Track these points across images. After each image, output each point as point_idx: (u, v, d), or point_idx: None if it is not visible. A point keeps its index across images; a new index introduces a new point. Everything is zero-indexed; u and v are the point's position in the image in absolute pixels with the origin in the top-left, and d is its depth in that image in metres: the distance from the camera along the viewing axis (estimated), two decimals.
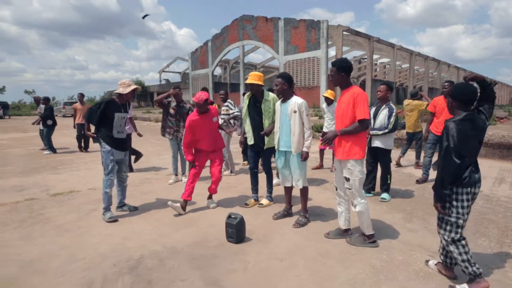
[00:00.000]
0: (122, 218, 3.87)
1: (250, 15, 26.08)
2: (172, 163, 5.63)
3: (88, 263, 2.81)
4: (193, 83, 33.39)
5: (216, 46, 29.81)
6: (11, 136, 13.32)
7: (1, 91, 42.20)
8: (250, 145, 4.15)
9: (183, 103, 5.57)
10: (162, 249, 3.05)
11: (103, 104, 3.81)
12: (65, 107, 27.73)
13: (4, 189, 5.25)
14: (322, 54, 21.82)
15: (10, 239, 3.32)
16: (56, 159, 7.98)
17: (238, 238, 3.13)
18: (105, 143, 3.84)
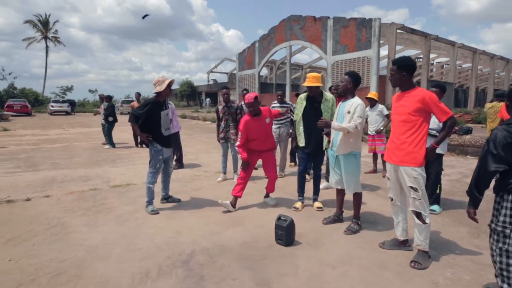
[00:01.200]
0: (175, 213, 4.03)
1: (298, 15, 25.84)
2: (222, 161, 5.75)
3: (145, 253, 2.96)
4: (239, 84, 33.97)
5: (263, 46, 30.01)
6: (78, 131, 14.66)
7: (70, 90, 46.59)
8: (301, 147, 4.08)
9: (231, 103, 5.67)
10: (212, 246, 3.11)
11: (149, 106, 3.96)
12: (123, 105, 29.82)
13: (72, 178, 5.77)
14: (373, 53, 20.87)
15: (77, 225, 3.63)
16: (115, 153, 8.60)
17: (287, 240, 3.08)
18: (156, 143, 4.03)
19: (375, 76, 21.01)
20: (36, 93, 39.92)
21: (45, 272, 2.63)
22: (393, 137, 2.83)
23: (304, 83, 3.89)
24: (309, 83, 3.84)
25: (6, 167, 6.73)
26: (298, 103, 4.05)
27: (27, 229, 3.48)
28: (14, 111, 24.78)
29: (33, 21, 43.44)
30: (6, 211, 4.04)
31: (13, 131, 14.17)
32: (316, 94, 3.94)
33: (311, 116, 3.98)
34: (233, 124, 5.61)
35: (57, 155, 8.18)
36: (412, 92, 2.72)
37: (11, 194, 4.73)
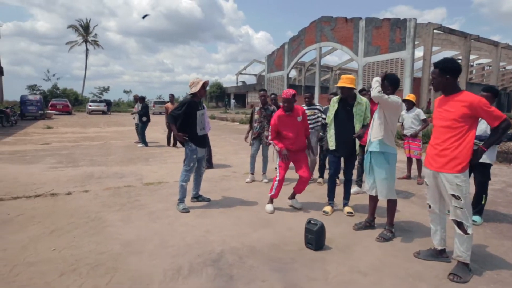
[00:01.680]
0: (205, 212, 4.11)
1: (329, 16, 25.47)
2: (250, 162, 5.79)
3: (176, 250, 3.04)
4: (268, 85, 34.03)
5: (293, 48, 29.88)
6: (113, 130, 15.38)
7: (106, 91, 49.15)
8: (332, 150, 4.01)
9: (267, 105, 5.70)
10: (241, 246, 3.13)
11: (185, 106, 4.08)
12: (155, 105, 30.87)
13: (108, 175, 6.06)
14: (407, 55, 20.12)
15: (113, 220, 3.80)
16: (148, 152, 8.92)
17: (317, 245, 3.04)
18: (191, 142, 4.14)
19: (409, 78, 20.24)
20: (76, 93, 42.41)
21: (85, 262, 2.77)
22: (434, 143, 2.70)
23: (337, 84, 3.84)
24: (342, 84, 3.78)
25: (50, 162, 7.19)
26: (330, 106, 4.00)
27: (69, 222, 3.69)
28: (57, 110, 26.47)
29: (76, 26, 46.26)
30: (51, 204, 4.32)
31: (56, 129, 15.12)
32: (349, 96, 3.86)
33: (343, 119, 3.91)
34: (268, 126, 5.63)
35: (94, 152, 8.62)
36: (458, 96, 2.55)
37: (55, 188, 5.05)
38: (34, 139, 11.24)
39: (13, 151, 8.60)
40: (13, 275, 2.56)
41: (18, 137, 11.95)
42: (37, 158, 7.63)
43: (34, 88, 42.24)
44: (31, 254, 2.91)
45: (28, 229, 3.46)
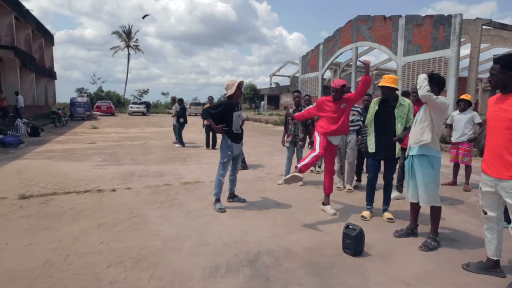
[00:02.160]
0: (241, 213, 4.16)
1: (366, 15, 24.71)
2: (286, 164, 5.77)
3: (214, 249, 3.11)
4: (302, 87, 33.72)
5: (328, 49, 29.36)
6: (152, 130, 16.07)
7: (145, 93, 51.43)
8: (371, 153, 3.88)
9: (301, 106, 5.66)
10: (278, 248, 3.13)
11: (222, 106, 4.21)
12: (191, 107, 31.79)
13: (149, 173, 6.34)
14: (452, 53, 18.95)
15: (154, 216, 3.97)
16: (185, 152, 9.21)
17: (356, 250, 2.95)
18: (227, 137, 4.26)
19: (453, 78, 19.06)
20: (119, 96, 44.86)
21: (129, 256, 2.92)
22: (491, 146, 2.50)
23: (379, 83, 3.71)
24: (384, 83, 3.66)
25: (96, 160, 7.68)
26: (371, 107, 3.88)
27: (114, 217, 3.92)
28: (101, 111, 28.19)
29: (119, 32, 48.99)
30: (97, 199, 4.61)
31: (101, 129, 16.11)
32: (391, 97, 3.73)
33: (383, 121, 3.78)
34: (302, 128, 5.59)
35: (135, 152, 9.07)
36: None
37: (101, 185, 5.38)
38: (82, 139, 12.06)
39: (64, 149, 9.29)
40: (67, 264, 2.76)
41: (68, 136, 12.89)
42: (85, 156, 8.17)
43: (82, 91, 45.32)
44: (81, 245, 3.13)
45: (79, 222, 3.72)
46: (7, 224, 3.64)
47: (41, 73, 23.16)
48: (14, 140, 9.83)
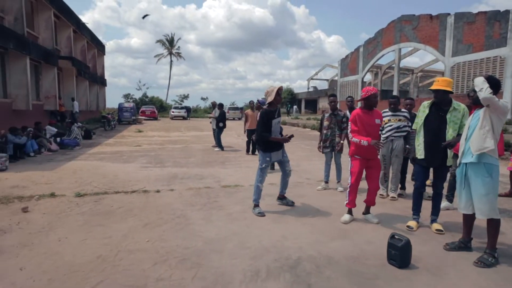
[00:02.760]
0: (280, 217, 4.15)
1: (410, 15, 23.61)
2: (325, 169, 5.67)
3: (254, 252, 3.13)
4: (341, 90, 32.99)
5: (368, 51, 28.46)
6: (192, 134, 16.64)
7: (186, 98, 53.51)
8: (419, 159, 3.69)
9: (337, 110, 5.54)
10: (318, 255, 3.08)
11: (264, 117, 4.24)
12: (229, 111, 32.44)
13: (190, 176, 6.57)
14: (509, 52, 17.43)
15: (196, 218, 4.10)
16: (224, 155, 9.41)
17: (402, 262, 2.81)
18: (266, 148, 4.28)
19: (510, 78, 17.51)
20: (161, 101, 47.13)
21: (173, 255, 3.05)
22: None
23: (432, 87, 3.52)
24: (437, 86, 3.46)
25: (142, 162, 8.12)
26: (420, 111, 3.69)
27: (158, 217, 4.11)
28: (146, 115, 29.80)
29: (162, 40, 51.57)
30: (143, 199, 4.87)
31: (145, 133, 17.01)
32: (444, 100, 3.51)
33: (434, 126, 3.57)
34: (338, 132, 5.47)
35: (177, 155, 9.44)
36: None
37: (146, 185, 5.68)
38: (129, 141, 12.82)
39: (113, 151, 9.94)
40: (117, 259, 2.95)
41: (116, 139, 13.78)
42: (132, 158, 8.68)
43: (128, 97, 48.26)
44: (130, 242, 3.32)
45: (127, 221, 3.95)
46: (67, 219, 3.97)
47: (93, 80, 25.07)
48: (72, 142, 10.73)
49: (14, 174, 6.56)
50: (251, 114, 9.49)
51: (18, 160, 8.07)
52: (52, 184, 5.70)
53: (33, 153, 8.81)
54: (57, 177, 6.29)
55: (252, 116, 9.43)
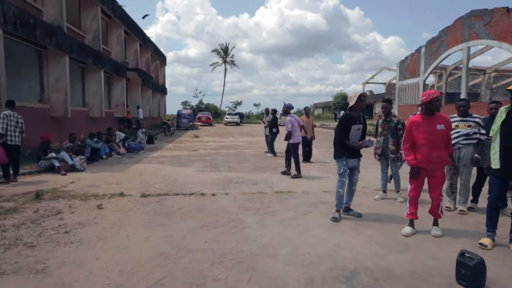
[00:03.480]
0: (335, 226, 4.05)
1: (482, 10, 21.41)
2: (381, 178, 5.40)
3: (308, 260, 3.10)
4: (400, 94, 31.10)
5: (431, 51, 26.42)
6: (245, 139, 17.04)
7: (239, 104, 55.02)
8: (494, 170, 3.33)
9: (391, 116, 5.25)
10: (376, 268, 2.94)
11: (343, 122, 4.22)
12: (281, 117, 32.55)
13: (244, 181, 6.73)
14: None
15: (250, 222, 4.19)
16: (276, 161, 9.47)
17: (475, 283, 2.55)
18: (343, 154, 4.23)
19: None
20: (216, 107, 49.09)
21: (229, 257, 3.15)
22: None
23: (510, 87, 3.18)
24: None
25: (198, 166, 8.54)
26: (497, 116, 3.34)
27: (215, 219, 4.28)
28: (202, 122, 31.29)
29: (218, 50, 53.88)
30: (201, 202, 5.12)
31: (201, 138, 17.85)
32: None
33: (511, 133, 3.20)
34: (392, 140, 5.17)
35: (231, 160, 9.74)
36: None
37: (203, 189, 5.96)
38: (186, 146, 13.57)
39: (173, 155, 10.62)
40: (178, 257, 3.14)
41: (175, 144, 14.69)
42: (189, 162, 9.17)
43: (186, 104, 51.15)
44: (189, 242, 3.51)
45: (186, 221, 4.19)
46: (133, 217, 4.34)
47: (156, 89, 27.12)
48: (137, 146, 11.71)
49: (90, 174, 7.37)
50: (306, 121, 9.37)
51: (93, 162, 9.05)
52: (121, 185, 6.28)
53: (105, 156, 9.81)
54: (125, 178, 6.92)
55: (308, 122, 9.33)
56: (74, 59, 12.18)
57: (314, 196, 5.48)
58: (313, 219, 4.29)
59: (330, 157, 10.33)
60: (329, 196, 5.52)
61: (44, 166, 7.53)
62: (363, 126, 4.33)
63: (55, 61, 11.07)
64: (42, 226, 3.92)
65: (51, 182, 6.42)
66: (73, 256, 3.14)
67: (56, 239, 3.52)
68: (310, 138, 9.33)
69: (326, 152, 11.75)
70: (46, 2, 10.99)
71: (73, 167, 7.65)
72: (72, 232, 3.73)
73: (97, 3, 14.34)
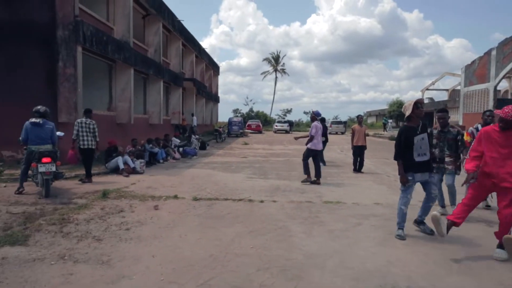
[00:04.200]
0: (387, 241, 3.86)
1: None
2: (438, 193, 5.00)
3: (357, 273, 3.00)
4: (465, 101, 28.48)
5: (504, 54, 23.81)
6: (294, 147, 16.95)
7: (289, 112, 55.00)
8: None
9: (448, 127, 4.84)
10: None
11: (401, 136, 3.93)
12: (332, 126, 31.81)
13: (291, 189, 6.72)
14: None
15: (297, 231, 4.17)
16: (325, 170, 9.25)
17: None
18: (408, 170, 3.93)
19: None
20: (266, 115, 49.66)
21: (275, 264, 3.18)
22: None
23: None
24: None
25: (247, 173, 8.73)
26: None
27: (262, 226, 4.35)
28: (251, 129, 31.90)
29: (269, 58, 54.71)
30: (248, 208, 5.23)
31: (251, 145, 18.20)
32: None
33: None
34: (449, 152, 4.77)
35: (280, 167, 9.78)
36: None
37: (251, 195, 6.07)
38: (236, 153, 13.94)
39: (223, 162, 11.00)
40: (226, 261, 3.26)
41: (226, 150, 15.18)
42: (239, 169, 9.41)
43: (237, 112, 52.61)
44: (236, 247, 3.62)
45: (234, 226, 4.31)
46: (186, 219, 4.60)
47: (209, 98, 28.41)
48: (191, 152, 12.37)
49: (148, 177, 7.95)
50: (359, 129, 9.06)
51: (152, 166, 9.75)
52: (175, 188, 6.68)
53: (162, 160, 10.51)
54: (179, 182, 7.34)
55: (360, 131, 9.01)
56: (138, 70, 13.33)
57: (365, 208, 5.27)
58: (363, 231, 4.13)
59: (383, 168, 9.86)
60: (381, 209, 5.27)
61: (110, 168, 8.32)
62: (427, 134, 3.95)
63: (122, 73, 12.24)
64: (107, 222, 4.34)
65: (116, 183, 7.06)
66: (133, 251, 3.43)
67: (119, 235, 3.87)
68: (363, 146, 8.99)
69: (379, 162, 11.21)
70: (117, 20, 12.25)
71: (134, 170, 8.34)
72: (132, 230, 4.08)
73: (159, 19, 15.57)
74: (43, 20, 8.71)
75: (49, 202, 5.25)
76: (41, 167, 5.51)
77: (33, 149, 5.69)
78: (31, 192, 5.89)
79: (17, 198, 5.49)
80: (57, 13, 8.68)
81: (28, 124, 5.79)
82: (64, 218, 4.41)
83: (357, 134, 8.99)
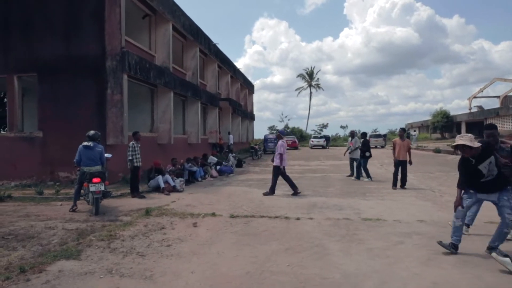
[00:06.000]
0: (431, 261, 3.64)
1: None
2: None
3: None
4: None
5: None
6: (331, 163, 16.63)
7: (325, 127, 54.20)
8: None
9: (499, 144, 4.22)
10: None
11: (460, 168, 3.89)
12: (371, 139, 30.74)
13: (328, 206, 6.59)
14: None
15: (333, 249, 4.08)
16: (365, 186, 8.97)
17: None
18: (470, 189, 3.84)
19: None
20: (301, 131, 49.35)
21: (310, 283, 3.14)
22: None
23: None
24: None
25: (283, 190, 8.69)
26: None
27: (298, 243, 4.31)
28: (287, 145, 31.70)
29: (303, 74, 54.93)
30: (285, 225, 5.21)
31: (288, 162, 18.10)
32: None
33: None
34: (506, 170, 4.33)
35: (316, 184, 9.63)
36: None
37: (287, 212, 6.05)
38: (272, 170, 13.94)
39: (259, 179, 11.08)
40: (262, 278, 3.27)
41: (262, 168, 15.27)
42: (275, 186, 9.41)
43: (272, 128, 52.84)
44: (272, 264, 3.62)
45: (270, 243, 4.33)
46: (223, 236, 4.70)
47: (244, 116, 29.00)
48: (228, 169, 12.63)
49: (187, 195, 8.25)
50: (400, 143, 8.67)
51: (190, 184, 10.10)
52: (213, 205, 6.86)
53: (200, 179, 10.85)
54: (216, 200, 7.52)
55: (401, 145, 8.61)
56: (177, 93, 14.09)
57: (407, 226, 5.02)
58: (405, 251, 3.94)
59: (427, 183, 9.32)
60: (425, 226, 4.98)
61: (152, 187, 8.77)
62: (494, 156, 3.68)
63: (163, 97, 13.02)
64: (150, 238, 4.57)
65: (157, 201, 7.42)
66: (173, 267, 3.57)
67: (160, 251, 4.06)
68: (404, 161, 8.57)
69: (423, 177, 10.61)
70: (158, 48, 13.17)
71: (174, 188, 8.70)
72: (173, 246, 4.25)
73: (196, 44, 16.47)
74: (94, 53, 9.65)
75: (98, 219, 5.66)
76: (92, 186, 6.00)
77: (85, 170, 6.23)
78: (83, 210, 6.38)
79: (71, 216, 5.98)
80: (106, 46, 9.58)
81: (81, 147, 6.38)
82: (111, 234, 4.72)
83: (398, 148, 8.62)
